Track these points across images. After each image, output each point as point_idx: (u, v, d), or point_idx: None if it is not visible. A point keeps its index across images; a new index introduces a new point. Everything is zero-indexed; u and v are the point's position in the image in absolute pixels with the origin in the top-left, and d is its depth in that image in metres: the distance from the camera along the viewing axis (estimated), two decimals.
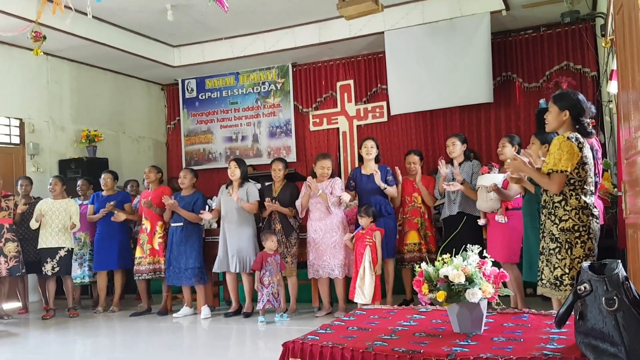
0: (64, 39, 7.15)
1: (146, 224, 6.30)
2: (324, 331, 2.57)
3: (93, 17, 6.46)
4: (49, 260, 6.27)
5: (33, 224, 6.30)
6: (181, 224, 6.03)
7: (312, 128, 8.97)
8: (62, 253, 6.32)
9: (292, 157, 8.86)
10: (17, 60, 7.53)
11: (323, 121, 8.91)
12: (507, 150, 4.85)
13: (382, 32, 7.62)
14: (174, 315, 6.09)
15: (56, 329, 5.77)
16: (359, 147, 5.97)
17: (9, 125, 7.54)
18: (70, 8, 6.23)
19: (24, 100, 7.64)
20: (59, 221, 6.32)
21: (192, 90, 9.68)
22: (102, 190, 6.71)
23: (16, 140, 7.61)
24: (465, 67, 7.26)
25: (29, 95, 7.72)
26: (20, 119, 7.63)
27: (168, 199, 5.99)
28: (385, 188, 5.62)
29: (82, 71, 8.53)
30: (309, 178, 5.62)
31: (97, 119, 8.69)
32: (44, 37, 6.46)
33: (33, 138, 7.70)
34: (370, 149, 5.75)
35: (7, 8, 6.23)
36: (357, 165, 6.02)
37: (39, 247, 6.34)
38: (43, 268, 6.29)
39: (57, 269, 6.29)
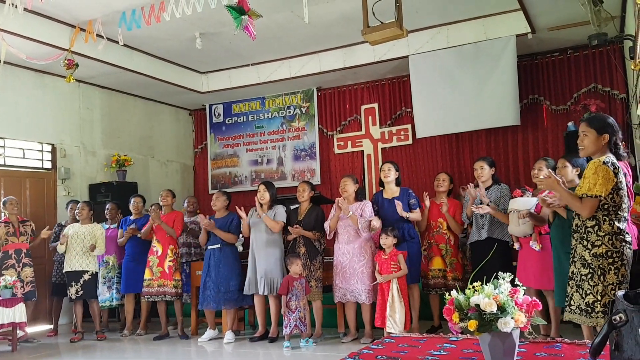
0: (96, 66, 7.33)
1: (157, 247, 6.36)
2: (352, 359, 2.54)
3: (124, 45, 6.66)
4: (73, 283, 6.37)
5: (60, 248, 6.43)
6: (218, 245, 6.02)
7: (336, 151, 8.99)
8: (86, 277, 6.40)
9: (316, 180, 8.89)
10: (50, 87, 7.73)
11: (347, 144, 8.92)
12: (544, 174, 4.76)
13: (407, 56, 7.64)
14: (199, 339, 6.09)
15: (83, 352, 5.81)
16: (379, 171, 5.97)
17: (42, 151, 7.72)
18: (102, 36, 6.44)
19: (56, 126, 7.83)
20: (83, 245, 6.42)
21: (219, 115, 9.82)
22: (131, 214, 6.82)
23: (48, 165, 7.77)
24: (492, 90, 7.21)
25: (61, 121, 7.90)
26: (53, 144, 7.80)
27: (204, 219, 6.01)
28: (408, 217, 5.60)
29: (113, 97, 8.73)
30: (340, 199, 5.60)
31: (127, 144, 8.86)
32: (77, 65, 6.64)
33: (64, 163, 7.87)
34: (387, 172, 5.75)
35: (41, 37, 6.42)
36: (379, 189, 5.99)
37: (64, 270, 6.45)
38: (68, 291, 6.39)
39: (81, 293, 6.36)
